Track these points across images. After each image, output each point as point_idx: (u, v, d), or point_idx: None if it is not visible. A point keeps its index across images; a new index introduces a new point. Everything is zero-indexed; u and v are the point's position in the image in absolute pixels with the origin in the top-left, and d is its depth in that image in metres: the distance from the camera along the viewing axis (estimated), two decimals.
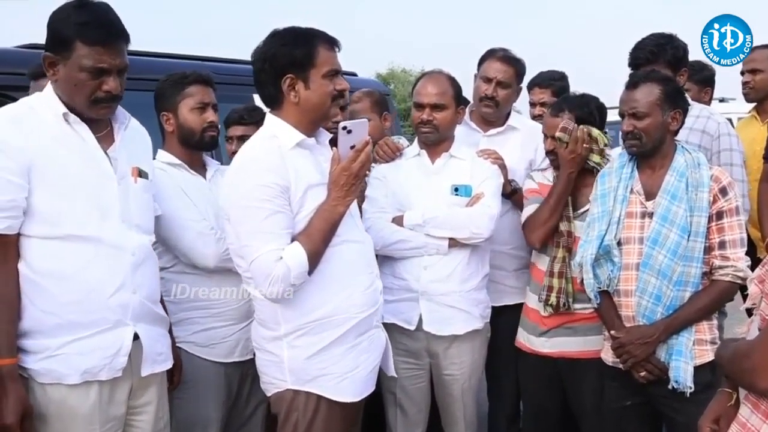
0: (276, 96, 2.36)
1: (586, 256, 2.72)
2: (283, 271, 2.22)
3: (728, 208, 2.62)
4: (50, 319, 2.12)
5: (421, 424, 3.14)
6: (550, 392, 3.11)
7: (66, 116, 2.16)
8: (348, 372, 2.38)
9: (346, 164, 2.28)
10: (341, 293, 2.37)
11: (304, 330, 2.34)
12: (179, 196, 2.71)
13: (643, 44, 3.33)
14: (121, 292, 2.20)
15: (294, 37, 2.32)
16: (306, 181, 2.31)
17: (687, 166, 2.65)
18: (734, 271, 2.58)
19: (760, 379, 1.54)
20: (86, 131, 2.19)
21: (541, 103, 4.15)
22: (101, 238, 2.17)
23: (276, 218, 2.25)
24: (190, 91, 2.80)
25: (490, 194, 2.99)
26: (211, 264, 2.67)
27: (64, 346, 2.12)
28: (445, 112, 3.02)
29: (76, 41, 2.09)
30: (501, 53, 3.43)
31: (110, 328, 2.19)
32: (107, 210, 2.20)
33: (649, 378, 2.65)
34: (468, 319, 3.01)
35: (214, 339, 2.75)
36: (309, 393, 2.36)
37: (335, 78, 2.34)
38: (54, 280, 2.12)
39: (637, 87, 2.68)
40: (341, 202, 2.30)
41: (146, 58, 3.95)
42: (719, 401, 1.75)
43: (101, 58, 2.12)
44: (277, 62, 2.31)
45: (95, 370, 2.16)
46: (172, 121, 2.81)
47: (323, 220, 2.29)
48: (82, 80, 2.12)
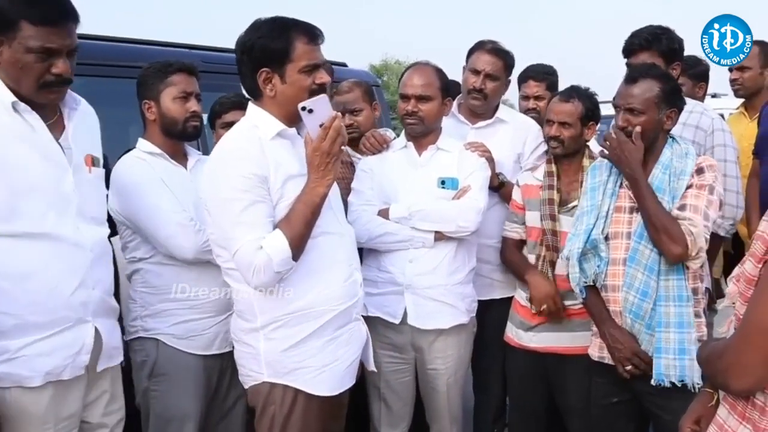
0: (255, 88, 2.33)
1: (573, 250, 2.69)
2: (263, 260, 2.18)
3: (699, 183, 2.55)
4: (8, 320, 2.01)
5: (406, 419, 3.11)
6: (536, 388, 3.10)
7: (15, 105, 2.03)
8: (326, 365, 2.36)
9: (316, 144, 2.23)
10: (319, 285, 2.34)
11: (282, 322, 2.31)
12: (158, 186, 2.66)
13: (639, 32, 3.30)
14: (81, 290, 2.13)
15: (271, 29, 2.28)
16: (286, 171, 2.28)
17: (672, 158, 2.62)
18: (690, 224, 2.48)
19: (733, 379, 1.52)
20: (37, 120, 2.07)
21: (536, 97, 4.09)
22: (59, 235, 2.08)
23: (256, 208, 2.21)
24: (173, 80, 2.75)
25: (477, 187, 2.95)
26: (190, 256, 2.63)
27: (24, 348, 2.03)
28: (431, 103, 2.99)
29: (21, 21, 1.96)
30: (490, 45, 3.39)
31: (71, 326, 2.12)
32: (64, 205, 2.11)
33: (635, 372, 2.63)
34: (454, 313, 2.98)
35: (194, 331, 2.71)
36: (286, 386, 2.33)
37: (314, 72, 2.29)
38: (11, 279, 2.01)
39: (636, 82, 2.61)
40: (320, 183, 2.24)
41: (144, 47, 3.92)
42: (700, 401, 1.74)
43: (50, 38, 1.99)
44: (254, 55, 2.27)
45: (58, 371, 2.09)
46: (154, 110, 2.76)
47: (304, 204, 2.24)
48: (29, 63, 1.99)
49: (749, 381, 1.49)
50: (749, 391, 1.51)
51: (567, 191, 3.00)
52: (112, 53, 3.66)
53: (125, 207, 2.66)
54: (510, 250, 3.17)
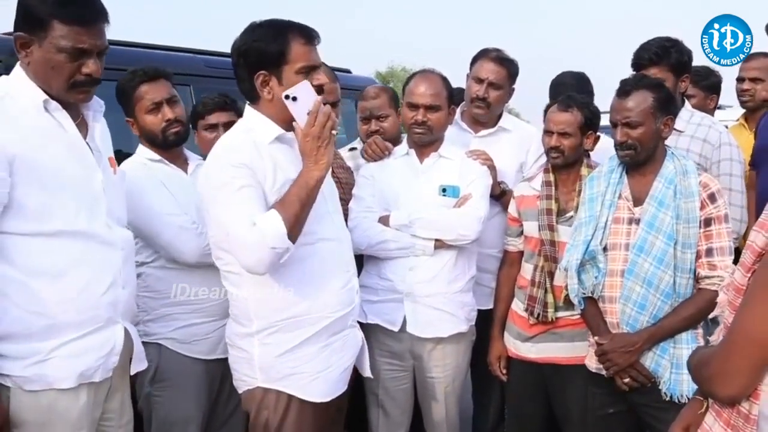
0: (252, 91, 2.32)
1: (571, 261, 2.69)
2: (256, 237, 2.13)
3: (717, 215, 2.58)
4: (39, 320, 1.98)
5: (404, 426, 3.11)
6: (534, 398, 3.08)
7: (46, 103, 2.03)
8: (319, 372, 2.35)
9: (306, 129, 2.22)
10: (315, 292, 2.32)
11: (276, 327, 2.30)
12: (160, 191, 2.68)
13: (647, 45, 3.29)
14: (112, 289, 2.12)
15: (267, 32, 2.27)
16: (285, 175, 2.26)
17: (676, 173, 2.62)
18: (721, 281, 2.53)
19: (719, 386, 1.53)
20: (67, 119, 2.07)
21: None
22: (92, 234, 2.07)
23: (248, 190, 2.19)
24: (141, 92, 2.72)
25: (478, 196, 2.96)
26: (192, 259, 2.63)
27: (56, 349, 2.01)
28: (439, 113, 2.99)
29: (52, 20, 1.95)
30: (494, 53, 3.39)
31: (102, 326, 2.10)
32: (95, 204, 2.10)
33: (633, 385, 2.63)
34: (453, 321, 2.98)
35: (197, 335, 2.71)
36: (279, 392, 2.32)
37: (312, 73, 2.28)
38: (43, 279, 1.99)
39: (629, 95, 2.62)
40: (314, 167, 2.22)
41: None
42: (691, 409, 1.75)
43: (81, 39, 1.98)
44: (250, 58, 2.27)
45: (90, 372, 2.07)
46: (136, 126, 2.76)
47: (299, 186, 2.21)
48: (60, 62, 1.98)
49: (735, 389, 1.50)
50: (735, 398, 1.52)
51: (565, 201, 3.00)
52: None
53: (127, 211, 2.66)
54: (504, 267, 3.20)
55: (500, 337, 3.15)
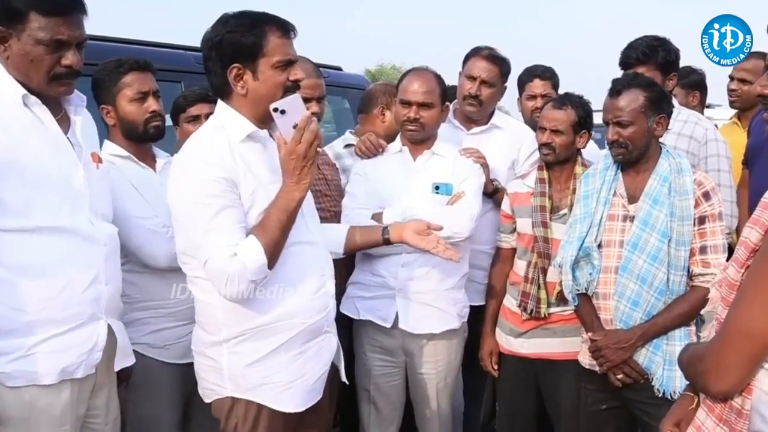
0: (224, 86, 2.18)
1: (566, 257, 2.70)
2: (238, 268, 2.04)
3: (711, 213, 2.60)
4: (21, 317, 1.96)
5: (395, 422, 3.11)
6: (526, 393, 3.10)
7: (25, 98, 1.98)
8: (292, 381, 2.22)
9: (291, 146, 2.08)
10: (288, 298, 2.19)
11: (246, 336, 2.17)
12: (129, 192, 2.58)
13: (635, 44, 3.31)
14: (95, 285, 2.09)
15: (242, 23, 2.13)
16: (256, 178, 2.15)
17: (671, 171, 2.63)
18: (715, 278, 2.55)
19: (712, 382, 1.53)
20: (47, 114, 2.03)
21: (543, 95, 3.98)
22: (74, 229, 2.04)
23: (227, 213, 2.07)
24: (127, 80, 2.64)
25: (471, 193, 2.96)
26: (162, 264, 2.54)
27: (37, 345, 1.98)
28: (433, 110, 2.99)
29: (30, 12, 1.92)
30: (486, 51, 3.40)
31: (85, 322, 2.08)
32: (77, 199, 2.07)
33: (626, 381, 2.64)
34: (445, 317, 2.99)
35: (169, 340, 2.64)
36: (249, 401, 2.19)
37: (289, 68, 2.16)
38: (25, 275, 1.96)
39: (620, 94, 2.64)
40: (295, 188, 2.10)
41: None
42: (681, 404, 1.75)
43: (59, 30, 1.95)
44: (223, 50, 2.13)
45: (72, 368, 2.05)
46: (113, 114, 2.66)
47: (278, 210, 2.10)
48: (40, 55, 1.95)
49: (728, 383, 1.50)
50: (728, 393, 1.52)
51: (558, 198, 3.01)
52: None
53: None
54: (497, 264, 3.20)
55: (492, 333, 3.16)
